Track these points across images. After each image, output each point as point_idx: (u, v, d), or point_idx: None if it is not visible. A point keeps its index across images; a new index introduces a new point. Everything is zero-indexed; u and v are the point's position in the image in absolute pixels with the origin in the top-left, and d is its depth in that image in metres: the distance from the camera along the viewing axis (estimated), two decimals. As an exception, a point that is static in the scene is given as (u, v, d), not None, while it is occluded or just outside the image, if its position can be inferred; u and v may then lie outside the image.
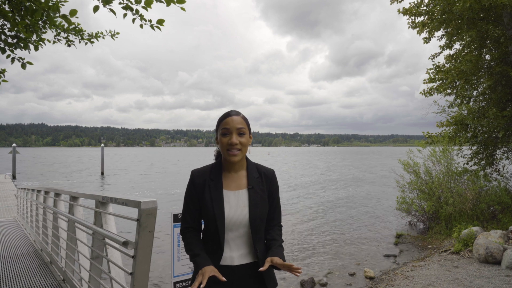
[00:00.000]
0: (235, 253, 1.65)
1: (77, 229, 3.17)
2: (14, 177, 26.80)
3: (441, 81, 10.05)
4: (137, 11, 2.81)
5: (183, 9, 2.58)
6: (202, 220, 1.76)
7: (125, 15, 2.82)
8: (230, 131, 1.65)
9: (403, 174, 10.48)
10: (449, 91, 10.17)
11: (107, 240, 2.41)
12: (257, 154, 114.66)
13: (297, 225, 11.54)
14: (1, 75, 4.68)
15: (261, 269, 1.56)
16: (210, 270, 1.53)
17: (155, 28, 2.78)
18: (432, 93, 10.51)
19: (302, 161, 63.41)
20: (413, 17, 10.03)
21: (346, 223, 11.87)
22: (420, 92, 10.79)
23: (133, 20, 2.82)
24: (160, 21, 2.71)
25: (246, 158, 1.79)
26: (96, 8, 2.81)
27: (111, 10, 2.86)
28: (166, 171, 38.73)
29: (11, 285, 4.10)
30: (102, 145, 34.48)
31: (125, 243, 1.91)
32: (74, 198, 3.30)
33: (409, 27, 10.38)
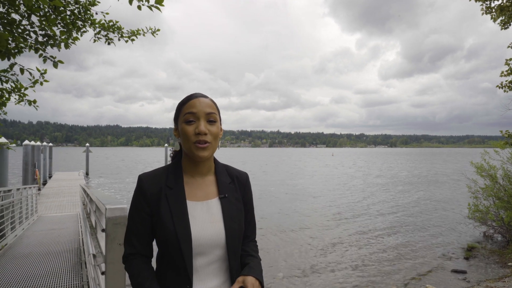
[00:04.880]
0: (207, 285, 1.22)
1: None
2: (87, 174, 29.03)
3: (524, 73, 8.68)
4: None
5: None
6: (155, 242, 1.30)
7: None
8: (197, 116, 1.23)
9: (476, 178, 9.24)
10: (535, 83, 8.75)
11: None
12: (321, 155, 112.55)
13: (352, 231, 10.76)
14: (43, 75, 4.78)
15: None
16: None
17: (153, 9, 2.49)
18: (512, 86, 9.14)
19: (361, 162, 60.76)
20: (487, 2, 8.78)
21: (407, 230, 10.81)
22: (497, 86, 9.45)
23: (130, 1, 2.57)
24: (159, 1, 2.41)
25: (214, 158, 1.35)
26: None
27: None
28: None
29: (43, 280, 4.10)
30: (166, 145, 36.08)
31: (94, 256, 1.60)
32: (90, 200, 3.13)
33: (482, 14, 9.12)
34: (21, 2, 4.16)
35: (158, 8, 2.48)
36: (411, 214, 13.61)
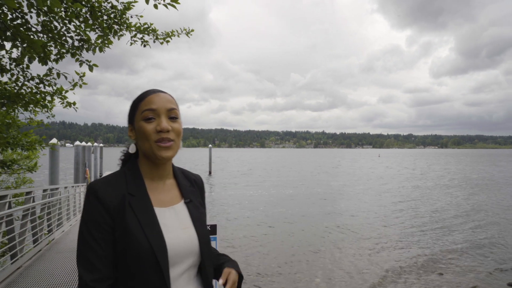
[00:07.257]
0: None
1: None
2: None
3: None
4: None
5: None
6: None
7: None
8: (157, 113, 1.11)
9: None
10: None
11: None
12: (370, 156, 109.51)
13: (394, 236, 10.26)
14: (81, 78, 5.01)
15: (221, 281, 1.16)
16: None
17: (169, 7, 2.47)
18: None
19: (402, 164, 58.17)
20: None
21: (458, 237, 10.11)
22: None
23: (147, 0, 2.58)
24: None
25: None
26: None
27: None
28: (268, 170, 39.55)
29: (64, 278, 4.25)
30: (210, 146, 36.81)
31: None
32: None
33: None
34: (63, 10, 4.36)
35: (174, 6, 2.48)
36: (456, 216, 12.75)
